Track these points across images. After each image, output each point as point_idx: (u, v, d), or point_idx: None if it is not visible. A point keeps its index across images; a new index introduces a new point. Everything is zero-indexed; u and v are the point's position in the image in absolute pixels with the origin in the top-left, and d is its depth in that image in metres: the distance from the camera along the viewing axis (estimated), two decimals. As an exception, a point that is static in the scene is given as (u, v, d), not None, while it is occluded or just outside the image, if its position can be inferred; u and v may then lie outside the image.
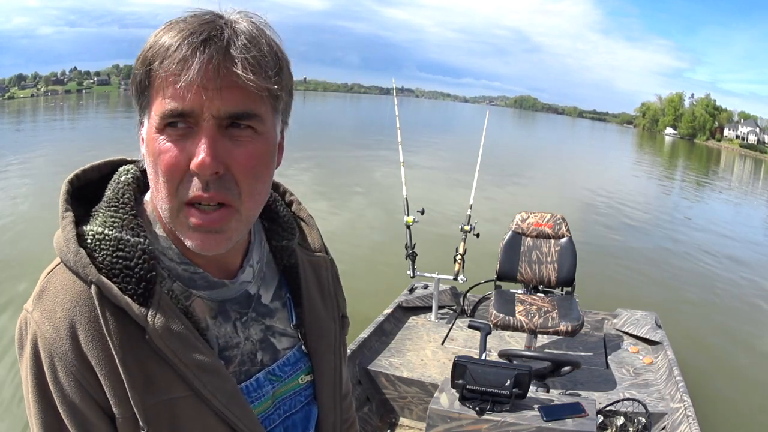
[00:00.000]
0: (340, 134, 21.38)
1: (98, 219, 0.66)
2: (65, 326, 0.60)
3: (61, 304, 0.61)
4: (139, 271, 0.62)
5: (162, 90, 0.60)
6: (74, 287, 0.62)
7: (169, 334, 0.62)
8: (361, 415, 2.94)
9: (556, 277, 3.40)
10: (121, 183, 0.69)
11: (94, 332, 0.60)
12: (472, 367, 2.09)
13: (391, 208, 8.22)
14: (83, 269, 0.61)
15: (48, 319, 0.61)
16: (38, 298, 0.63)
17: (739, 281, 7.36)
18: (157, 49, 0.59)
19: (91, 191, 0.70)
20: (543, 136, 46.51)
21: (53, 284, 0.63)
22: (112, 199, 0.67)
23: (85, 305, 0.61)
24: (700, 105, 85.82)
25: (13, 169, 11.69)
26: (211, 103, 0.59)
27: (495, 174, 12.70)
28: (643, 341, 3.55)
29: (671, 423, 2.68)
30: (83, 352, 0.60)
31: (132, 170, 0.71)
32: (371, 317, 3.56)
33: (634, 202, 12.74)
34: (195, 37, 0.58)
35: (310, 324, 0.79)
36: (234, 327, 0.70)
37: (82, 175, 0.70)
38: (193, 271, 0.68)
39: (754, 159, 51.51)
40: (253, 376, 0.71)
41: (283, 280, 0.79)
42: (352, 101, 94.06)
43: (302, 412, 0.78)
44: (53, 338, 0.60)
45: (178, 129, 0.60)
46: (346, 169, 13.83)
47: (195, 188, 0.60)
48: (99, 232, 0.64)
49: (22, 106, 51.18)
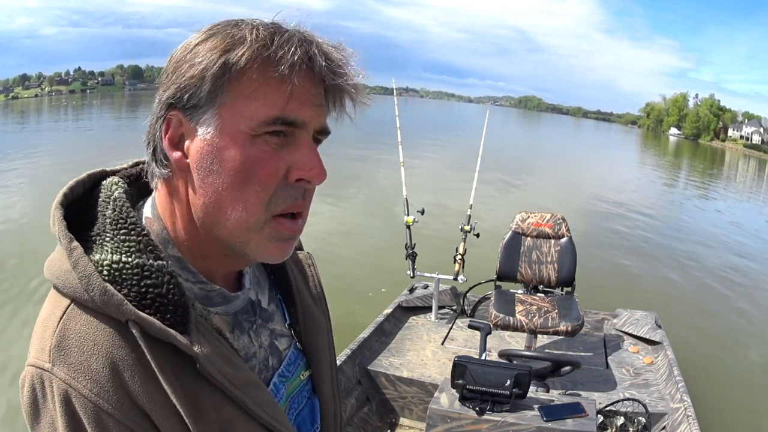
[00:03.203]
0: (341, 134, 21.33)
1: (106, 245, 0.58)
2: (107, 376, 0.54)
3: (94, 351, 0.54)
4: (173, 297, 0.57)
5: (265, 93, 0.56)
6: (103, 330, 0.55)
7: (217, 357, 0.59)
8: (361, 415, 2.94)
9: (556, 277, 3.40)
10: (118, 200, 0.61)
11: (141, 375, 0.55)
12: (472, 367, 2.09)
13: (391, 208, 8.22)
14: (117, 308, 0.54)
15: (82, 372, 0.53)
16: (57, 351, 0.54)
17: (740, 281, 7.34)
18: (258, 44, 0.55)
19: (77, 210, 0.63)
20: (546, 136, 46.44)
21: (74, 331, 0.55)
22: (117, 221, 0.59)
23: (123, 347, 0.55)
24: (704, 105, 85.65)
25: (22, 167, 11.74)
26: (317, 119, 0.59)
27: (496, 174, 12.69)
28: (643, 341, 3.55)
29: (671, 423, 2.68)
30: (134, 398, 0.54)
31: (120, 183, 0.64)
32: (371, 317, 3.57)
33: (635, 202, 12.70)
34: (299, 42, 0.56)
35: (305, 322, 0.79)
36: (249, 337, 0.70)
37: (69, 194, 0.62)
38: (209, 289, 0.64)
39: (758, 159, 51.29)
40: (270, 382, 0.71)
41: (272, 282, 0.79)
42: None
43: (307, 406, 0.79)
44: (95, 393, 0.53)
45: (278, 137, 0.57)
46: (346, 169, 13.83)
47: (293, 198, 0.59)
48: (116, 261, 0.57)
49: (26, 105, 51.36)
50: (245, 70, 0.55)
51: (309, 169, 0.59)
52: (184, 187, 0.61)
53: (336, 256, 6.62)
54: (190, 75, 0.56)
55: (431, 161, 15.70)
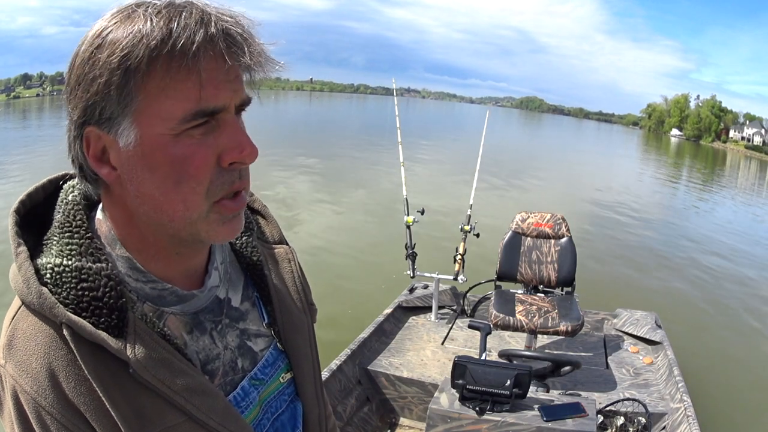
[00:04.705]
0: (341, 134, 21.36)
1: (53, 248, 0.59)
2: (44, 375, 0.55)
3: (34, 351, 0.56)
4: (108, 300, 0.57)
5: (175, 88, 0.53)
6: (44, 331, 0.56)
7: (152, 362, 0.58)
8: (361, 415, 2.94)
9: (556, 277, 3.40)
10: (70, 203, 0.62)
11: (75, 376, 0.55)
12: (472, 367, 2.09)
13: (391, 208, 8.23)
14: (50, 310, 0.55)
15: (24, 370, 0.55)
16: (8, 349, 0.57)
17: (740, 281, 7.34)
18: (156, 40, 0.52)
19: (39, 214, 0.63)
20: (547, 137, 46.41)
21: (20, 330, 0.57)
22: (64, 224, 0.60)
23: (60, 348, 0.56)
24: (705, 106, 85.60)
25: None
26: (236, 95, 0.57)
27: (496, 174, 12.69)
28: (643, 341, 3.54)
29: (671, 423, 2.68)
30: (69, 399, 0.55)
31: (78, 186, 0.64)
32: (371, 317, 3.57)
33: (635, 202, 12.71)
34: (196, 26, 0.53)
35: (283, 321, 0.76)
36: (211, 338, 0.67)
37: (27, 201, 0.63)
38: (161, 287, 0.63)
39: (760, 161, 51.23)
40: (238, 385, 0.69)
41: (249, 279, 0.75)
42: (357, 101, 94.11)
43: (288, 410, 0.76)
44: (35, 390, 0.55)
45: (202, 127, 0.56)
46: (346, 169, 13.84)
47: (232, 181, 0.58)
48: (57, 264, 0.58)
49: (28, 105, 51.41)
50: (149, 71, 0.53)
51: (240, 151, 0.57)
52: (120, 197, 0.60)
53: (336, 256, 6.62)
54: (94, 91, 0.53)
55: (431, 161, 15.71)
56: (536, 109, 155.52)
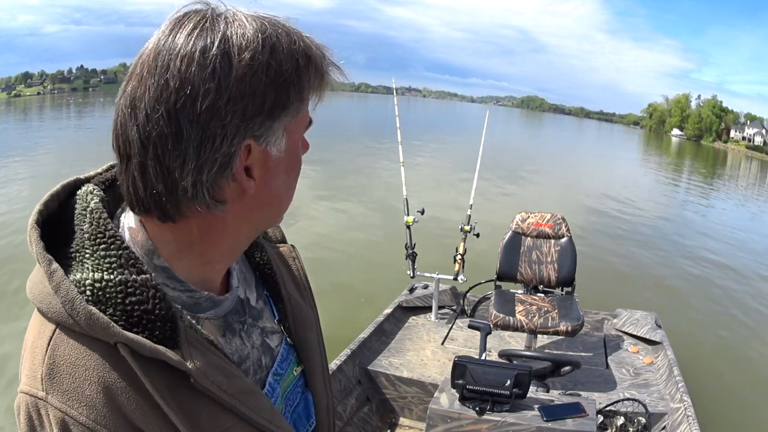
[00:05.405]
0: (341, 134, 21.37)
1: (87, 263, 0.55)
2: (102, 401, 0.53)
3: (86, 377, 0.53)
4: (160, 312, 0.55)
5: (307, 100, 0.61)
6: (93, 354, 0.53)
7: (210, 370, 0.57)
8: (361, 415, 2.95)
9: (556, 277, 3.40)
10: (95, 211, 0.58)
11: (135, 396, 0.54)
12: (472, 367, 2.09)
13: (391, 208, 8.23)
14: (104, 331, 0.52)
15: (76, 400, 0.52)
16: (50, 379, 0.53)
17: (740, 281, 7.34)
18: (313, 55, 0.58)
19: (53, 223, 0.59)
20: (548, 136, 46.39)
21: (63, 357, 0.53)
22: (95, 235, 0.56)
23: (114, 370, 0.53)
24: (706, 106, 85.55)
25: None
26: None
27: (496, 174, 12.69)
28: (643, 341, 3.55)
29: (671, 423, 2.68)
30: (131, 420, 0.54)
31: (95, 192, 0.60)
32: (371, 317, 3.57)
33: (636, 202, 12.71)
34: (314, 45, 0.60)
35: (293, 316, 0.78)
36: (241, 338, 0.68)
37: (44, 210, 0.58)
38: (198, 296, 0.63)
39: (760, 161, 51.21)
40: (265, 382, 0.70)
41: (258, 278, 0.77)
42: (358, 100, 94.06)
43: (302, 402, 0.79)
44: (93, 419, 0.52)
45: None
46: (346, 169, 13.83)
47: None
48: (98, 279, 0.54)
49: (29, 103, 51.43)
50: (300, 82, 0.58)
51: (306, 147, 0.65)
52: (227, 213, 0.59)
53: (336, 255, 6.62)
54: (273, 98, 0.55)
55: (432, 161, 15.71)
56: (537, 109, 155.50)
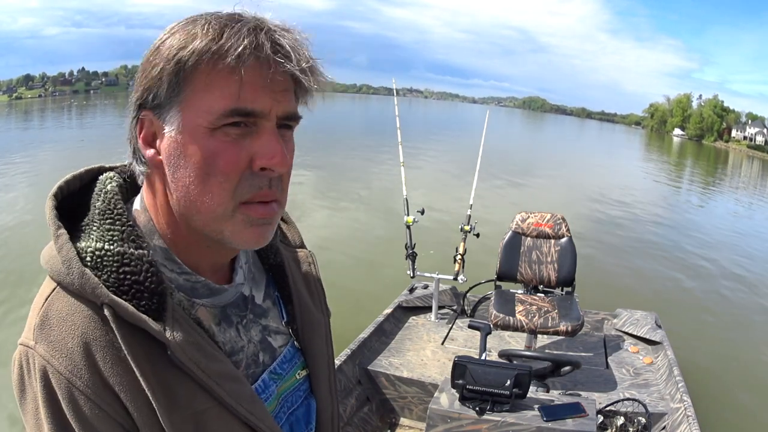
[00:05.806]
0: (342, 134, 21.38)
1: (92, 234, 0.61)
2: (81, 355, 0.56)
3: (71, 331, 0.57)
4: (150, 284, 0.59)
5: (218, 86, 0.57)
6: (81, 311, 0.58)
7: (189, 346, 0.60)
8: (361, 415, 2.95)
9: (556, 277, 3.40)
10: (109, 192, 0.64)
11: (112, 356, 0.57)
12: (472, 367, 2.09)
13: (391, 208, 8.22)
14: (92, 291, 0.57)
15: (58, 350, 0.56)
16: (40, 330, 0.57)
17: (740, 281, 7.33)
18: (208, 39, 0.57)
19: (74, 202, 0.66)
20: (549, 136, 46.37)
21: (55, 311, 0.58)
22: (104, 211, 0.63)
23: (98, 329, 0.57)
24: (708, 106, 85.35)
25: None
26: (278, 106, 0.60)
27: (496, 174, 12.69)
28: (643, 341, 3.54)
29: (671, 423, 2.67)
30: (105, 379, 0.56)
31: (115, 178, 0.67)
32: (371, 317, 3.57)
33: (636, 202, 12.70)
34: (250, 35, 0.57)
35: (302, 320, 0.79)
36: (237, 331, 0.70)
37: (65, 187, 0.66)
38: (194, 280, 0.66)
39: (762, 160, 51.11)
40: (259, 378, 0.71)
41: (270, 279, 0.79)
42: (360, 102, 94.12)
43: (303, 406, 0.79)
44: (70, 370, 0.56)
45: (238, 128, 0.59)
46: (346, 169, 13.85)
47: (258, 187, 0.60)
48: (99, 248, 0.60)
49: (30, 105, 51.51)
50: (197, 65, 0.57)
51: (270, 158, 0.59)
52: (161, 183, 0.63)
53: (336, 255, 6.62)
54: (152, 76, 0.59)
55: (432, 161, 15.71)
56: (539, 109, 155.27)
